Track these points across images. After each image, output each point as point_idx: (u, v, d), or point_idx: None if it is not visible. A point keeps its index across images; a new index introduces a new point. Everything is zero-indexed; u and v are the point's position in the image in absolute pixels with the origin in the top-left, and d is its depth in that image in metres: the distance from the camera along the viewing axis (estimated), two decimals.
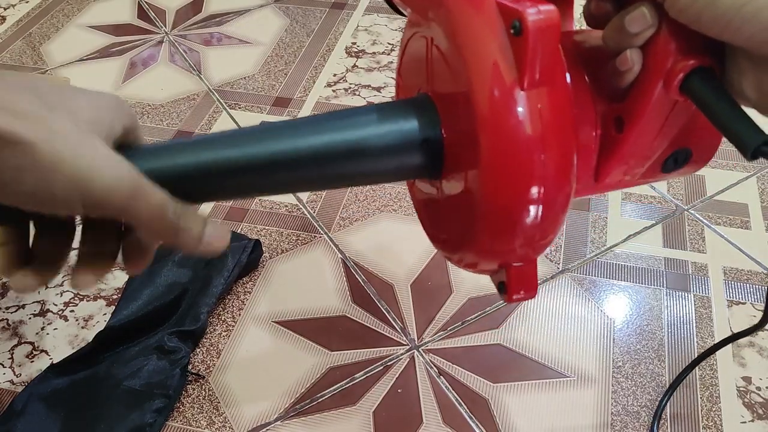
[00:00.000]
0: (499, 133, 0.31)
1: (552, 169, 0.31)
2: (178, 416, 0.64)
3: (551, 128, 0.31)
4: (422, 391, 0.65)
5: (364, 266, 0.76)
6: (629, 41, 0.32)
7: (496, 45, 0.31)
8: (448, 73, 0.34)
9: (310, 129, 0.35)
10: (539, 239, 0.34)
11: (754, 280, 0.73)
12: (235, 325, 0.72)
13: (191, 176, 0.33)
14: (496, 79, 0.31)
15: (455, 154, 0.35)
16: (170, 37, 1.13)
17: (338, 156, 0.35)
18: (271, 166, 0.34)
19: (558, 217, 0.33)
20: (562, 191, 0.32)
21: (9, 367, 0.69)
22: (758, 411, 0.63)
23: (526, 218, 0.32)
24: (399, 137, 0.35)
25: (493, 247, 0.35)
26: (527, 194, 0.31)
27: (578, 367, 0.67)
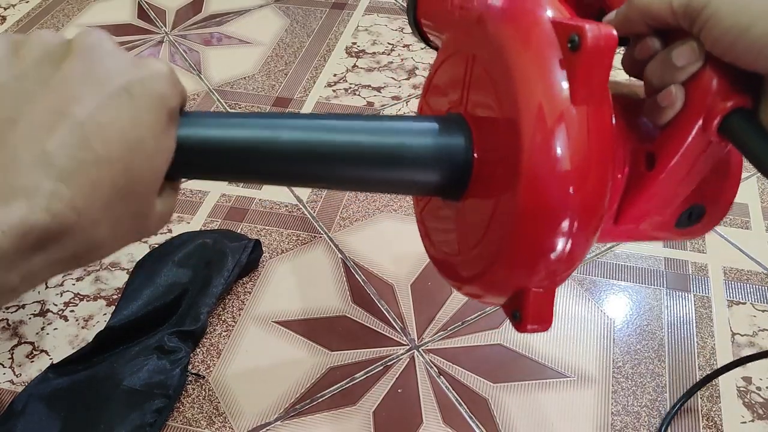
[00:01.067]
0: (543, 162, 0.30)
1: (589, 200, 0.31)
2: (178, 416, 0.64)
3: (595, 156, 0.31)
4: (422, 391, 0.65)
5: (364, 266, 0.76)
6: (673, 76, 0.32)
7: (550, 77, 0.31)
8: (492, 96, 0.33)
9: (343, 126, 0.34)
10: (559, 273, 0.33)
11: (754, 280, 0.73)
12: (235, 325, 0.72)
13: (223, 152, 0.32)
14: (547, 105, 0.30)
15: (485, 178, 0.34)
16: (170, 37, 1.13)
17: (367, 159, 0.34)
18: (300, 156, 0.33)
19: (584, 250, 0.32)
20: (593, 224, 0.32)
21: (9, 367, 0.69)
22: (758, 411, 0.63)
23: (553, 250, 0.32)
24: (430, 152, 0.34)
25: (512, 275, 0.34)
26: (560, 225, 0.31)
27: (578, 367, 0.67)
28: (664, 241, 0.43)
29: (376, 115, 0.36)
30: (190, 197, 0.85)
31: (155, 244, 0.79)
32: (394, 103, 0.98)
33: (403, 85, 1.01)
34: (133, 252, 0.79)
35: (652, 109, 0.33)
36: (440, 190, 0.36)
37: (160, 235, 0.81)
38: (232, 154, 0.32)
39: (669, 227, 0.36)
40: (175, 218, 0.83)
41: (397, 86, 1.01)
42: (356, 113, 0.36)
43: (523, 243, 0.32)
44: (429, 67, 1.04)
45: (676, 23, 0.31)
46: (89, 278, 0.76)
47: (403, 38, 1.10)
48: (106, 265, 0.78)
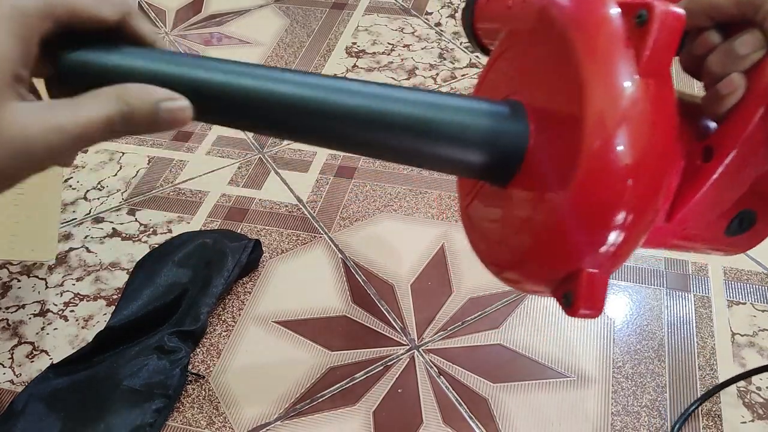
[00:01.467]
0: (603, 156, 0.30)
1: (646, 194, 0.30)
2: (178, 416, 0.64)
3: (656, 147, 0.30)
4: (422, 391, 0.65)
5: (364, 266, 0.76)
6: (736, 65, 0.32)
7: (614, 60, 0.30)
8: (554, 86, 0.33)
9: (404, 97, 0.34)
10: (610, 263, 0.32)
11: (754, 280, 0.73)
12: (235, 325, 0.72)
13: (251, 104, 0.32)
14: (610, 100, 0.30)
15: (537, 164, 0.34)
16: (170, 37, 1.13)
17: (424, 132, 0.34)
18: (362, 123, 0.33)
19: (634, 243, 0.32)
20: (647, 218, 0.31)
21: (9, 367, 0.69)
22: (758, 411, 0.63)
23: (603, 243, 0.31)
24: (486, 132, 0.34)
25: (558, 263, 0.33)
26: (614, 218, 0.30)
27: (578, 367, 0.67)
28: (713, 254, 0.43)
29: (434, 91, 0.36)
30: (190, 197, 0.85)
31: (155, 244, 0.79)
32: None
33: (403, 85, 1.01)
34: (133, 252, 0.79)
35: (713, 99, 0.33)
36: (489, 173, 0.36)
37: (160, 234, 0.81)
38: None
39: (717, 235, 0.36)
40: (175, 218, 0.83)
41: None
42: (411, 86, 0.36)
43: (572, 232, 0.31)
44: (429, 67, 1.04)
45: (739, 14, 0.32)
46: (89, 278, 0.76)
47: (403, 38, 1.10)
48: (106, 265, 0.78)
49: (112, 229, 0.82)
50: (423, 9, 1.17)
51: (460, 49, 1.07)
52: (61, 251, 0.80)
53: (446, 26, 1.12)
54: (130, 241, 0.80)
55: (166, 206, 0.84)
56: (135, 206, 0.85)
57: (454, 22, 1.13)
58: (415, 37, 1.10)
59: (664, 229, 0.35)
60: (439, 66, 1.04)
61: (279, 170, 0.89)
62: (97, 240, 0.81)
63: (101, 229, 0.82)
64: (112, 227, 0.82)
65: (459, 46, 1.08)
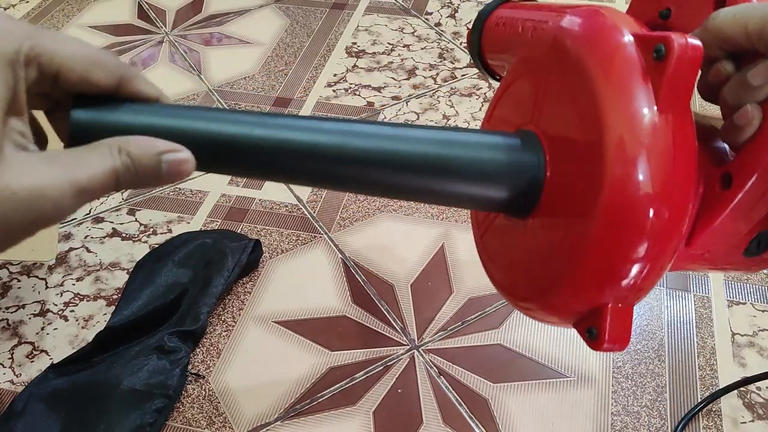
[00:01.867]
0: (624, 187, 0.30)
1: (668, 225, 0.30)
2: (178, 416, 0.64)
3: (678, 178, 0.30)
4: (422, 391, 0.65)
5: (364, 266, 0.76)
6: (750, 96, 0.32)
7: (631, 90, 0.30)
8: (571, 116, 0.33)
9: (417, 137, 0.34)
10: (629, 297, 0.32)
11: (754, 280, 0.73)
12: (235, 325, 0.72)
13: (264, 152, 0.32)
14: (630, 129, 0.30)
15: (557, 197, 0.34)
16: (170, 37, 1.13)
17: (440, 171, 0.34)
18: (376, 165, 0.33)
19: (659, 274, 0.32)
20: (670, 248, 0.31)
21: (9, 367, 0.69)
22: (758, 411, 0.63)
23: (626, 276, 0.31)
24: (503, 167, 0.34)
25: (581, 297, 0.33)
26: (637, 250, 0.30)
27: (578, 367, 0.67)
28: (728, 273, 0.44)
29: (447, 127, 0.36)
30: (191, 197, 0.85)
31: (155, 244, 0.79)
32: (394, 103, 0.98)
33: (403, 85, 1.01)
34: (133, 252, 0.79)
35: (730, 129, 0.33)
36: (508, 207, 0.36)
37: (160, 234, 0.81)
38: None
39: (737, 254, 0.36)
40: (175, 218, 0.83)
41: (397, 86, 1.01)
42: (423, 125, 0.36)
43: (596, 266, 0.31)
44: (429, 67, 1.04)
45: (750, 46, 0.32)
46: (89, 278, 0.76)
47: (403, 38, 1.10)
48: (106, 265, 0.78)
49: (112, 229, 0.82)
50: (423, 9, 1.17)
51: (460, 49, 1.07)
52: (61, 251, 0.80)
53: (446, 26, 1.12)
54: (130, 241, 0.80)
55: (166, 206, 0.84)
56: (135, 206, 0.85)
57: (454, 22, 1.13)
58: (415, 37, 1.10)
59: (682, 254, 0.35)
60: (439, 66, 1.04)
61: None
62: (97, 240, 0.81)
63: (101, 229, 0.82)
64: (112, 227, 0.82)
65: (459, 46, 1.08)
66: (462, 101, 0.97)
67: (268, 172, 0.33)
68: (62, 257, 0.79)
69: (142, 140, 0.28)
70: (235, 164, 0.32)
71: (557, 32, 0.35)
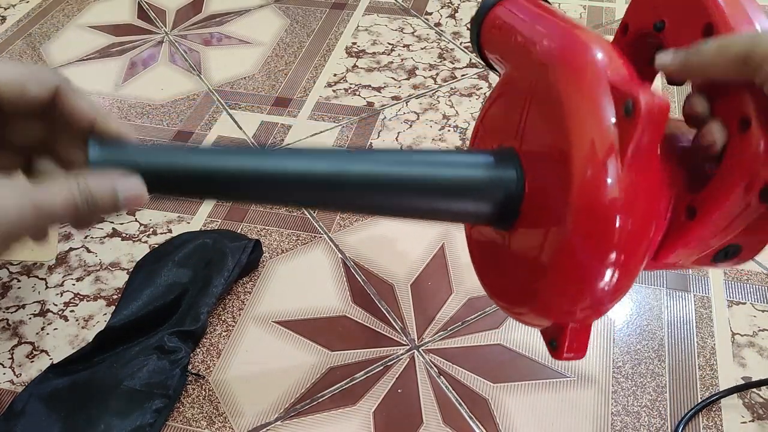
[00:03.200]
0: (591, 206, 0.32)
1: (632, 242, 0.33)
2: (178, 416, 0.64)
3: (639, 207, 0.32)
4: (422, 391, 0.65)
5: (364, 266, 0.76)
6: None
7: (603, 123, 0.32)
8: (547, 136, 0.35)
9: (403, 160, 0.37)
10: (604, 303, 0.35)
11: (754, 280, 0.73)
12: (235, 325, 0.72)
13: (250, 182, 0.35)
14: (598, 155, 0.32)
15: (535, 209, 0.36)
16: (170, 37, 1.13)
17: (417, 188, 0.36)
18: (367, 189, 0.36)
19: (624, 287, 0.34)
20: (636, 264, 0.33)
21: (9, 367, 0.69)
22: (758, 411, 0.63)
23: (597, 283, 0.33)
24: (481, 183, 0.37)
25: (557, 306, 0.36)
26: (606, 261, 0.33)
27: (578, 367, 0.67)
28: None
29: (428, 150, 0.39)
30: None
31: (155, 244, 0.79)
32: (394, 103, 0.98)
33: (403, 85, 1.01)
34: (133, 252, 0.79)
35: (698, 148, 0.34)
36: (491, 220, 0.39)
37: (160, 235, 0.81)
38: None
39: (704, 262, 0.38)
40: (175, 218, 0.83)
41: (397, 86, 1.01)
42: (407, 149, 0.40)
43: (571, 271, 0.34)
44: (429, 67, 1.04)
45: (737, 75, 0.32)
46: (89, 278, 0.76)
47: (403, 38, 1.10)
48: (106, 265, 0.78)
49: (112, 229, 0.82)
50: (423, 9, 1.17)
51: (460, 49, 1.07)
52: (61, 251, 0.80)
53: (446, 26, 1.12)
54: (130, 241, 0.80)
55: (166, 206, 0.84)
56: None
57: (454, 22, 1.13)
58: (415, 37, 1.10)
59: (651, 264, 0.37)
60: (439, 66, 1.04)
61: None
62: (97, 240, 0.81)
63: (101, 229, 0.82)
64: (112, 227, 0.82)
65: (459, 46, 1.08)
66: (462, 101, 0.97)
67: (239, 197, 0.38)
68: (62, 257, 0.79)
69: (99, 175, 0.31)
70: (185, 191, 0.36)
71: (546, 58, 0.37)
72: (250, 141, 0.93)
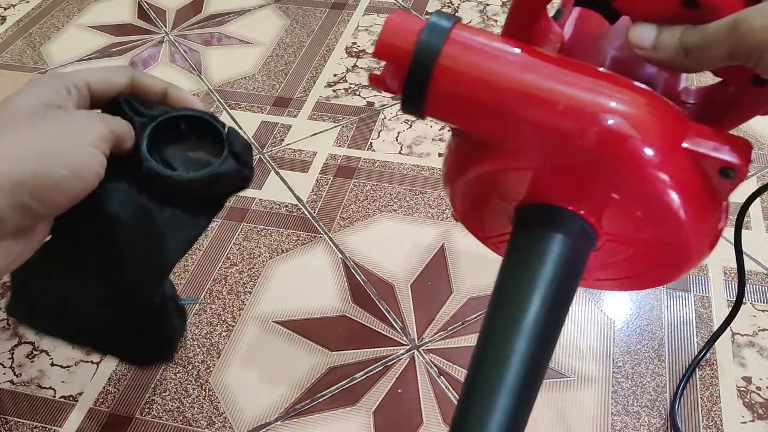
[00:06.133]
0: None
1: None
2: (179, 416, 0.64)
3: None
4: (422, 391, 0.65)
5: (364, 266, 0.76)
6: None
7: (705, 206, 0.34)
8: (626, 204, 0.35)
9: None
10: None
11: (754, 280, 0.73)
12: (235, 325, 0.72)
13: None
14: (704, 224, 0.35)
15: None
16: (170, 37, 1.13)
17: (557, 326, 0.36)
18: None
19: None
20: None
21: (9, 367, 0.69)
22: (758, 411, 0.63)
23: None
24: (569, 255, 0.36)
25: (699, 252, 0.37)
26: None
27: (578, 367, 0.67)
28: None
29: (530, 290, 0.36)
30: None
31: None
32: (394, 103, 0.98)
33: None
34: None
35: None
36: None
37: None
38: None
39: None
40: None
41: None
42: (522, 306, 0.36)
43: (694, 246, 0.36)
44: None
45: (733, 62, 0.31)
46: None
47: None
48: None
49: None
50: (423, 9, 1.17)
51: None
52: None
53: None
54: None
55: None
56: None
57: None
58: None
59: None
60: None
61: (279, 170, 0.89)
62: None
63: None
64: None
65: None
66: None
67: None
68: None
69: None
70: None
71: (600, 136, 0.31)
72: (250, 141, 0.93)
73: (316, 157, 0.90)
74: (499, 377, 0.32)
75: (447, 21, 0.33)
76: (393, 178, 0.87)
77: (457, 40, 0.33)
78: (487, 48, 0.33)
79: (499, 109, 0.32)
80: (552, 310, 0.34)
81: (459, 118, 0.34)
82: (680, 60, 0.32)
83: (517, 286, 0.35)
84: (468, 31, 0.33)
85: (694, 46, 0.31)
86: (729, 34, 0.29)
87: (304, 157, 0.90)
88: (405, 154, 0.90)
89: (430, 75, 0.32)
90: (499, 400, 0.32)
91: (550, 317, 0.34)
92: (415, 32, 0.34)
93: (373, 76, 0.34)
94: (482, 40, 0.33)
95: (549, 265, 0.34)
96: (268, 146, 0.92)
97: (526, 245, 0.36)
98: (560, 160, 0.33)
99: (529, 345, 0.33)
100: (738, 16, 0.29)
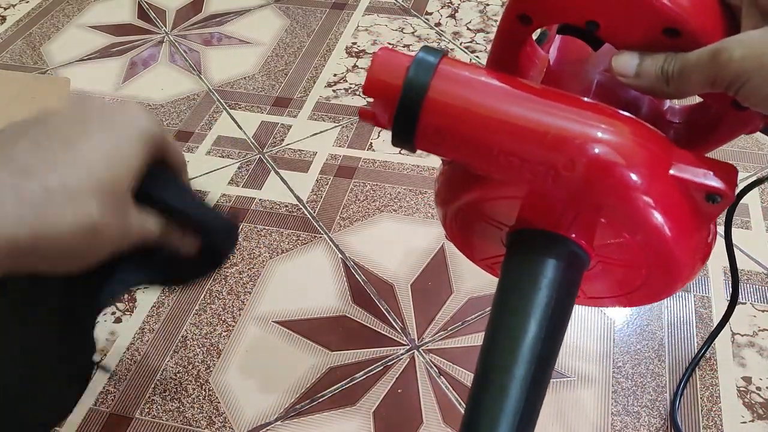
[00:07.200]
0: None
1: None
2: (179, 416, 0.64)
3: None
4: (422, 391, 0.65)
5: (364, 266, 0.76)
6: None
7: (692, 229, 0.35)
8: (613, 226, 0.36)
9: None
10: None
11: (754, 280, 0.73)
12: (235, 325, 0.72)
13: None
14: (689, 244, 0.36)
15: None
16: (170, 37, 1.13)
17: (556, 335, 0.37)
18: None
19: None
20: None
21: None
22: (758, 411, 0.63)
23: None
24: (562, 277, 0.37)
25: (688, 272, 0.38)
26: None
27: (578, 367, 0.67)
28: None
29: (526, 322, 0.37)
30: None
31: None
32: None
33: None
34: None
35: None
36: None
37: None
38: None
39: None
40: None
41: None
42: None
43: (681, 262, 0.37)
44: None
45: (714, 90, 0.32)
46: None
47: (403, 38, 1.10)
48: None
49: None
50: (423, 9, 1.17)
51: (460, 49, 1.07)
52: None
53: (446, 26, 1.12)
54: None
55: None
56: None
57: (454, 22, 1.13)
58: (415, 37, 1.10)
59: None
60: None
61: (279, 170, 0.89)
62: None
63: None
64: None
65: (459, 46, 1.08)
66: None
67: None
68: None
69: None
70: None
71: (586, 171, 0.32)
72: (250, 141, 0.93)
73: (316, 157, 0.90)
74: (500, 408, 0.34)
75: (434, 56, 0.33)
76: (393, 178, 0.87)
77: (445, 74, 0.33)
78: (474, 82, 0.34)
79: (487, 142, 0.33)
80: (549, 335, 0.36)
81: (449, 150, 0.35)
82: (662, 87, 0.33)
83: (514, 314, 0.36)
84: (455, 65, 0.34)
85: (675, 74, 0.32)
86: (709, 63, 0.30)
87: (304, 157, 0.90)
88: (405, 154, 0.90)
89: (420, 109, 0.33)
90: (500, 429, 0.34)
91: (547, 340, 0.36)
92: (404, 68, 0.33)
93: (363, 110, 0.35)
94: (469, 74, 0.34)
95: (543, 290, 0.36)
96: (268, 146, 0.92)
97: (519, 271, 0.38)
98: (549, 189, 0.34)
99: (528, 370, 0.35)
100: (719, 45, 0.30)
